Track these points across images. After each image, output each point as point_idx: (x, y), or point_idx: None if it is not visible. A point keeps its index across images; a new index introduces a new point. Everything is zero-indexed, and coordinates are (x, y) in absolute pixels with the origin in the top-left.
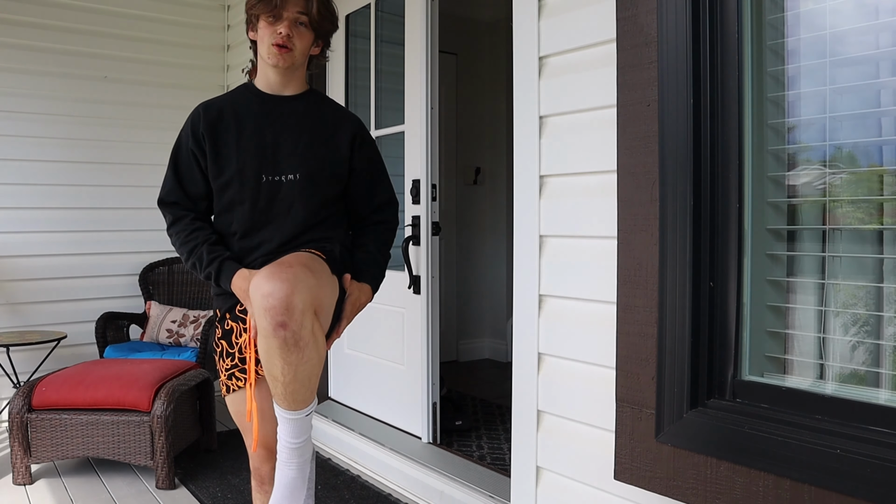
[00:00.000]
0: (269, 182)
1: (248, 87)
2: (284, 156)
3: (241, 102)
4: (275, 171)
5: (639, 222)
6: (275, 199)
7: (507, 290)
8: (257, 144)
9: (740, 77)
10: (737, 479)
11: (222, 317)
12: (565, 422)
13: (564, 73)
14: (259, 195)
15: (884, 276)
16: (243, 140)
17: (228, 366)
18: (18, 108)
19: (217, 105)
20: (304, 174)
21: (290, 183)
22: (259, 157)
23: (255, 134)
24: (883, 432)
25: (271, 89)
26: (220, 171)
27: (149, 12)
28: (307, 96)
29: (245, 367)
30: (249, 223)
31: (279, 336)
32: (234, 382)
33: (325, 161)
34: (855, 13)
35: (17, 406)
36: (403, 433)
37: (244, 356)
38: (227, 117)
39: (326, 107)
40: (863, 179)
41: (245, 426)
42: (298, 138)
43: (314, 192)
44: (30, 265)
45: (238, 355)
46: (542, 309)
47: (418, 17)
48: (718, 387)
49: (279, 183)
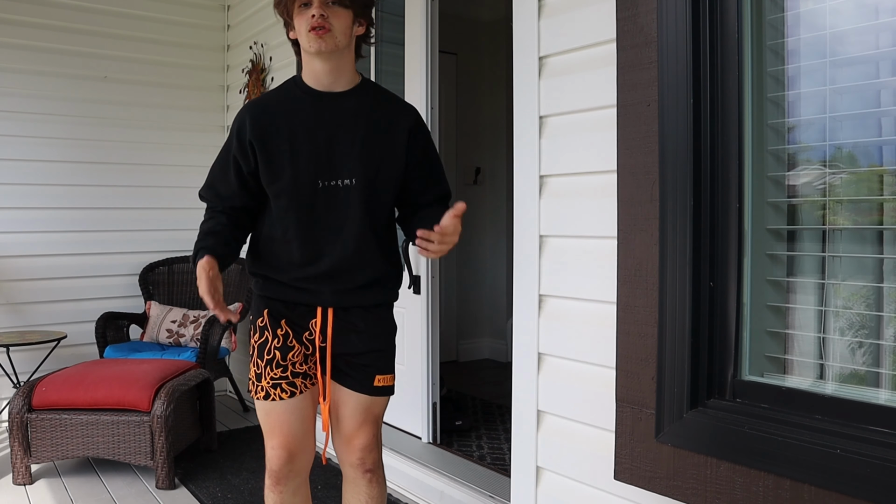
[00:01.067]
0: (326, 187)
1: (296, 83)
2: (340, 159)
3: (292, 102)
4: (331, 175)
5: (639, 222)
6: (332, 205)
7: (507, 290)
8: (311, 149)
9: (740, 77)
10: (737, 479)
11: (273, 322)
12: (565, 422)
13: (564, 73)
14: (315, 201)
15: (884, 276)
16: (297, 144)
17: (277, 375)
18: (18, 108)
19: (266, 106)
20: (361, 177)
21: (347, 188)
22: (314, 163)
23: (309, 138)
24: (883, 432)
25: (321, 85)
26: (275, 178)
27: (149, 12)
28: (360, 91)
29: (295, 381)
30: (307, 230)
31: (366, 478)
32: (277, 392)
33: (383, 162)
34: (855, 13)
35: (17, 406)
36: (403, 433)
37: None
38: (279, 121)
39: (381, 101)
40: (863, 179)
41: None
42: (354, 140)
43: (373, 196)
44: (30, 265)
45: (293, 369)
46: (542, 309)
47: (418, 17)
48: (718, 387)
49: (336, 188)
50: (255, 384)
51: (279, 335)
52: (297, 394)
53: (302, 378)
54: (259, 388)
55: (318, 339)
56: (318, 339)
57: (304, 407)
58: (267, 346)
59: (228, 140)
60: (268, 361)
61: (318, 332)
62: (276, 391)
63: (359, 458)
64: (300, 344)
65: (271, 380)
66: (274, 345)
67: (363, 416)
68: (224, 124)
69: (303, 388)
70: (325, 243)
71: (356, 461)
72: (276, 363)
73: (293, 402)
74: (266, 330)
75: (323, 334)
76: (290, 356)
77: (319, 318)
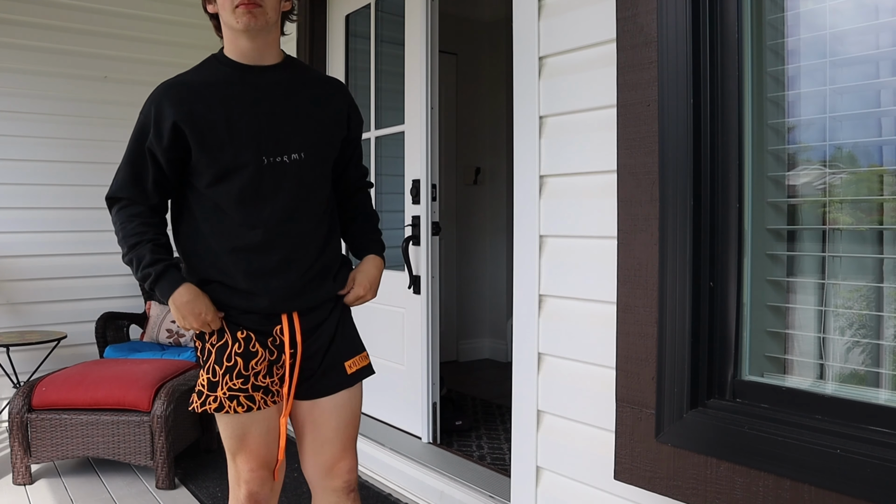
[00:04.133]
0: (272, 164)
1: (218, 60)
2: (285, 133)
3: (218, 78)
4: (276, 150)
5: (639, 222)
6: (279, 185)
7: (507, 290)
8: (249, 124)
9: (740, 77)
10: (737, 479)
11: (232, 326)
12: (565, 422)
13: (564, 73)
14: (261, 181)
15: (884, 276)
16: (233, 120)
17: (236, 386)
18: (18, 108)
19: (186, 85)
20: (309, 152)
21: (296, 163)
22: (256, 138)
23: (246, 113)
24: (883, 432)
25: (248, 59)
26: (213, 161)
27: (149, 12)
28: (289, 65)
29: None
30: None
31: (350, 498)
32: (233, 405)
33: (326, 134)
34: (855, 13)
35: (17, 406)
36: (403, 433)
37: (264, 385)
38: (207, 97)
39: (311, 75)
40: (863, 179)
41: (238, 448)
42: (297, 113)
43: (323, 170)
44: (30, 265)
45: (254, 381)
46: (542, 309)
47: (418, 17)
48: (718, 387)
49: (283, 164)
50: (206, 394)
51: (240, 339)
52: (254, 409)
53: (263, 393)
54: (212, 398)
55: (288, 346)
56: (288, 346)
57: (271, 417)
58: (227, 352)
59: (137, 134)
60: (227, 369)
61: (287, 339)
62: (231, 403)
63: (345, 481)
64: (264, 349)
65: (228, 390)
66: (235, 350)
67: (345, 441)
68: None
69: (262, 404)
70: (275, 229)
71: (341, 485)
72: (237, 372)
73: (259, 414)
74: (225, 332)
75: (293, 341)
76: (254, 363)
77: (286, 325)
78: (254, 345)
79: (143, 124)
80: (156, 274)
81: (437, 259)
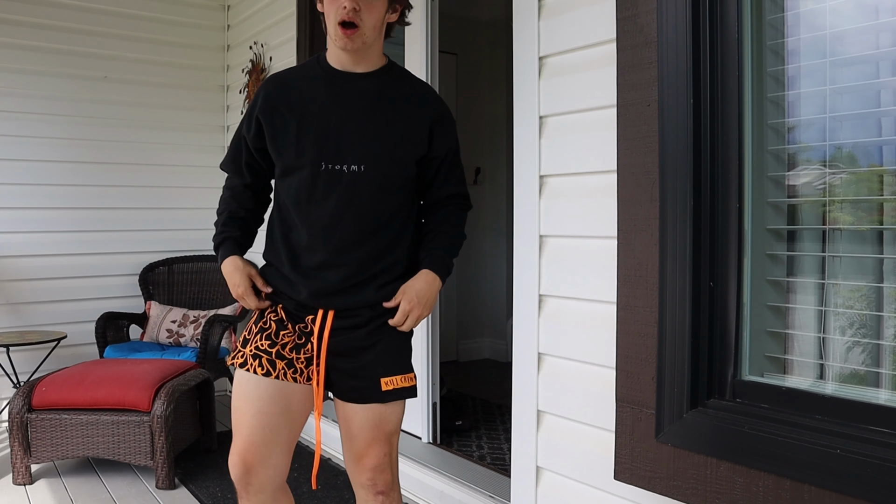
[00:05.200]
0: (329, 171)
1: (318, 61)
2: (348, 143)
3: (310, 80)
4: (336, 159)
5: (639, 222)
6: (333, 191)
7: (507, 290)
8: (320, 129)
9: (740, 77)
10: (737, 479)
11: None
12: (565, 422)
13: (564, 73)
14: (315, 185)
15: (884, 276)
16: (305, 123)
17: (263, 346)
18: (18, 108)
19: (282, 81)
20: (369, 165)
21: (354, 174)
22: (320, 144)
23: (318, 117)
24: (883, 432)
25: (342, 66)
26: (278, 157)
27: (149, 12)
28: (382, 73)
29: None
30: (305, 216)
31: (378, 500)
32: (255, 365)
33: (396, 150)
34: (855, 13)
35: (17, 406)
36: (403, 433)
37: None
38: (292, 97)
39: (405, 85)
40: (863, 179)
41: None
42: (367, 124)
43: (383, 186)
44: (30, 265)
45: (279, 349)
46: (542, 309)
47: (418, 17)
48: (718, 387)
49: (340, 173)
50: (239, 350)
51: (279, 310)
52: (272, 377)
53: (286, 365)
54: (240, 353)
55: (316, 338)
56: (316, 338)
57: (272, 414)
58: (264, 318)
59: (244, 116)
60: (261, 328)
61: (316, 330)
62: (254, 362)
63: (369, 478)
64: (294, 329)
65: (255, 349)
66: (271, 316)
67: (373, 432)
68: (224, 124)
69: (281, 374)
70: (319, 233)
71: (366, 482)
72: (267, 334)
73: (272, 386)
74: (266, 310)
75: (320, 335)
76: (283, 335)
77: (319, 317)
78: (286, 323)
79: (248, 109)
80: (216, 243)
81: None
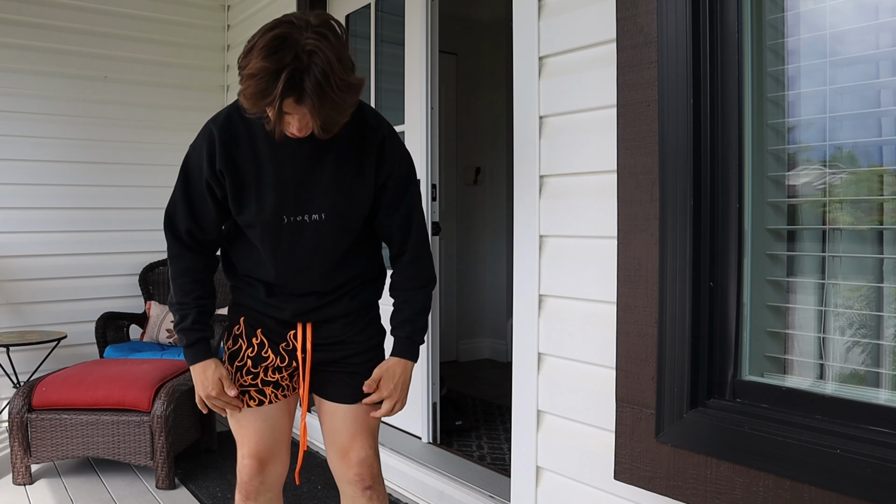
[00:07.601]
0: (291, 223)
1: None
2: (308, 194)
3: (257, 128)
4: (297, 211)
5: (639, 222)
6: (299, 238)
7: (507, 290)
8: (276, 183)
9: (740, 77)
10: (737, 479)
11: (249, 330)
12: (565, 422)
13: (564, 73)
14: (281, 235)
15: (884, 276)
16: (262, 177)
17: (246, 382)
18: (18, 108)
19: (232, 130)
20: (330, 213)
21: (316, 222)
22: (279, 199)
23: (274, 170)
24: (883, 432)
25: None
26: (240, 209)
27: (149, 12)
28: None
29: (265, 390)
30: (274, 259)
31: (366, 496)
32: (245, 399)
33: (354, 191)
34: (855, 13)
35: (17, 406)
36: (403, 433)
37: (273, 380)
38: (244, 150)
39: (351, 129)
40: (863, 179)
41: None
42: (322, 172)
43: (346, 225)
44: (30, 265)
45: (263, 377)
46: (542, 309)
47: (418, 17)
48: (718, 387)
49: (303, 223)
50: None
51: (254, 344)
52: (266, 403)
53: (273, 388)
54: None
55: (300, 350)
56: (300, 350)
57: (275, 416)
58: (240, 354)
59: (191, 166)
60: (238, 367)
61: (299, 344)
62: (244, 398)
63: (356, 473)
64: (276, 354)
65: (240, 387)
66: (247, 353)
67: (355, 426)
68: None
69: (272, 398)
70: (294, 271)
71: (354, 477)
72: (246, 370)
73: (263, 410)
74: (241, 338)
75: (304, 347)
76: (263, 366)
77: (300, 331)
78: (266, 351)
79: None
80: (188, 342)
81: (437, 259)
